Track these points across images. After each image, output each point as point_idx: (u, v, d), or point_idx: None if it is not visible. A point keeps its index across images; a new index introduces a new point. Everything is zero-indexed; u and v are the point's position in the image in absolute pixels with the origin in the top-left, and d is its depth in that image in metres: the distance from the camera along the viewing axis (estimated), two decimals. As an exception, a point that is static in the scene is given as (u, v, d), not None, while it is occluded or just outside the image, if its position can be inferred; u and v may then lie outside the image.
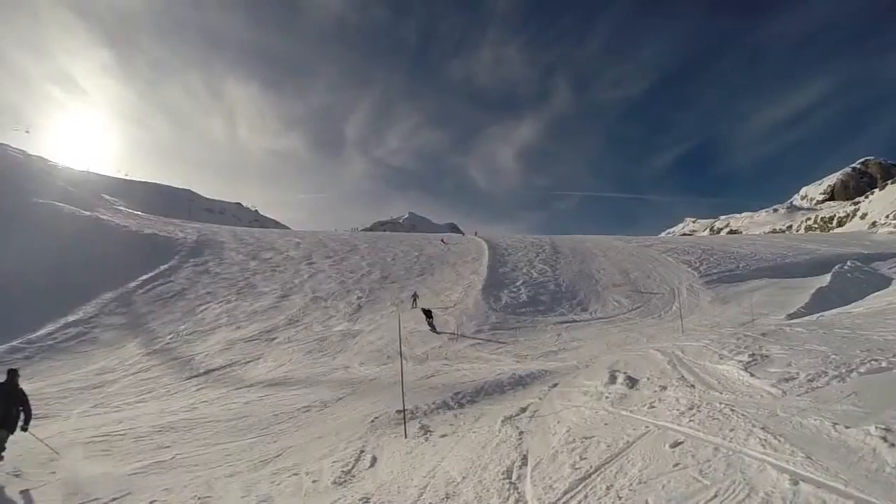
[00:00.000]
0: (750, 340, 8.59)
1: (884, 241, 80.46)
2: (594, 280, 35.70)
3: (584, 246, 49.13)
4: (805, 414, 4.42)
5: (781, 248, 54.90)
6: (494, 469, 5.21)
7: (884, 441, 3.44)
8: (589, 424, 6.01)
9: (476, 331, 23.46)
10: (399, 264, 39.40)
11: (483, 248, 45.16)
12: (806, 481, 3.21)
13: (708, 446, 4.26)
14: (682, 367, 7.84)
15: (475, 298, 29.02)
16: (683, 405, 5.71)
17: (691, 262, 41.53)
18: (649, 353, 9.85)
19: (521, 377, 11.59)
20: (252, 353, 19.67)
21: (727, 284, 34.75)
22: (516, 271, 37.10)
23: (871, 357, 5.98)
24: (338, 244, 46.55)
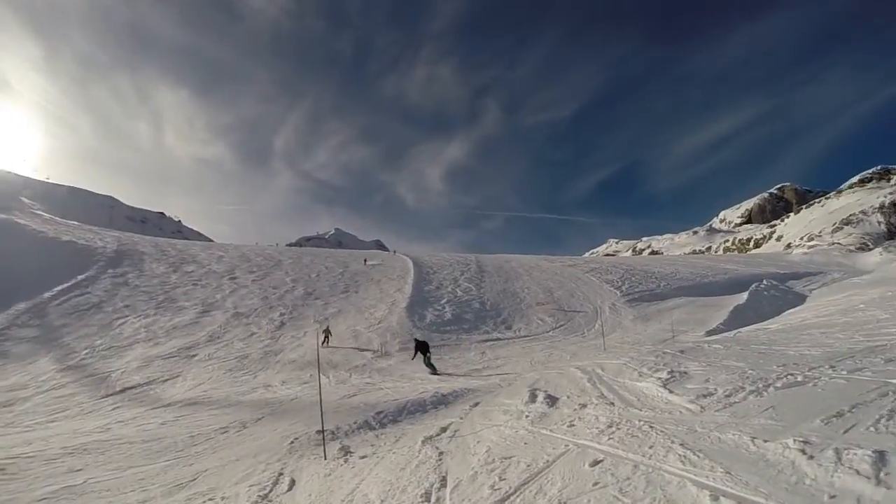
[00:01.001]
0: (669, 357, 8.80)
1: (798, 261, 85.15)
2: (519, 298, 36.19)
3: (510, 265, 49.91)
4: (723, 429, 4.48)
5: (701, 268, 57.17)
6: (413, 492, 5.07)
7: (802, 454, 3.51)
8: (509, 444, 5.94)
9: (400, 349, 23.38)
10: (323, 281, 38.95)
11: (408, 265, 45.27)
12: (726, 496, 3.23)
13: (628, 464, 4.25)
14: (602, 385, 7.90)
15: (399, 316, 28.99)
16: (603, 423, 5.73)
17: (614, 281, 42.76)
18: (570, 371, 9.93)
19: (443, 396, 11.51)
20: (171, 370, 19.14)
21: (648, 303, 35.86)
22: (441, 289, 37.24)
23: (788, 372, 6.19)
24: (262, 259, 45.82)
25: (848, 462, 3.21)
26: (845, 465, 3.19)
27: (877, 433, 3.63)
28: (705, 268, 57.91)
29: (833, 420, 4.07)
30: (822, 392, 5.03)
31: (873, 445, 3.34)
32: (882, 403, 4.18)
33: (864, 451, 3.27)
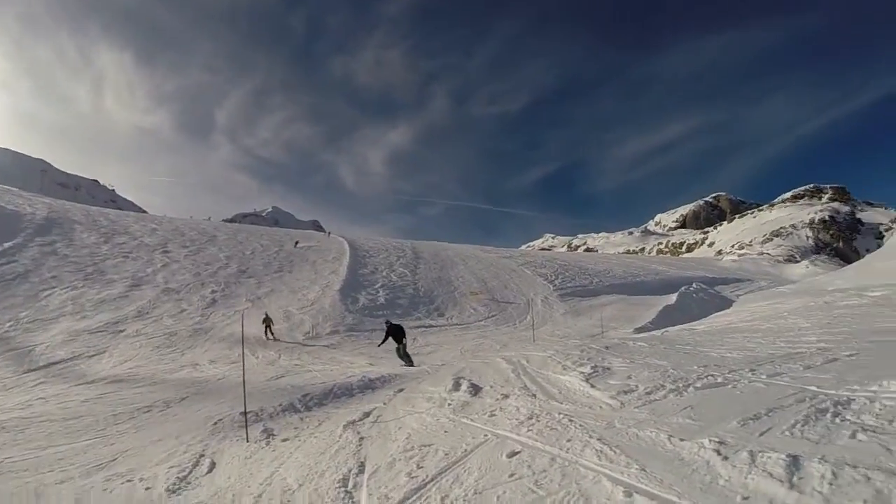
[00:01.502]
0: (594, 352, 8.91)
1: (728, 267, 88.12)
2: (453, 287, 36.38)
3: (446, 253, 50.13)
4: (642, 426, 4.53)
5: (634, 267, 58.59)
6: (331, 476, 4.96)
7: (717, 454, 3.55)
8: (429, 432, 5.90)
9: (331, 332, 23.28)
10: (258, 259, 38.25)
11: (344, 248, 44.86)
12: (640, 493, 3.24)
13: (545, 456, 4.26)
14: (526, 377, 7.95)
15: (333, 299, 28.78)
16: (524, 414, 5.75)
17: (547, 275, 43.39)
18: (495, 361, 9.98)
19: (371, 381, 11.39)
20: (97, 345, 18.50)
21: (580, 298, 36.56)
22: (376, 274, 37.14)
23: (708, 373, 6.33)
24: (196, 233, 44.69)
25: (762, 464, 3.24)
26: (759, 467, 3.23)
27: (792, 437, 3.70)
28: (638, 268, 59.44)
29: (749, 422, 4.14)
30: (740, 394, 5.13)
31: (788, 449, 3.40)
32: (798, 409, 4.28)
33: (779, 454, 3.30)
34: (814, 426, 3.83)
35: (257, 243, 44.13)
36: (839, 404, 4.22)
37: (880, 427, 3.62)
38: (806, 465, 3.13)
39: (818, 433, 3.69)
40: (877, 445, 3.30)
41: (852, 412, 4.01)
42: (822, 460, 3.15)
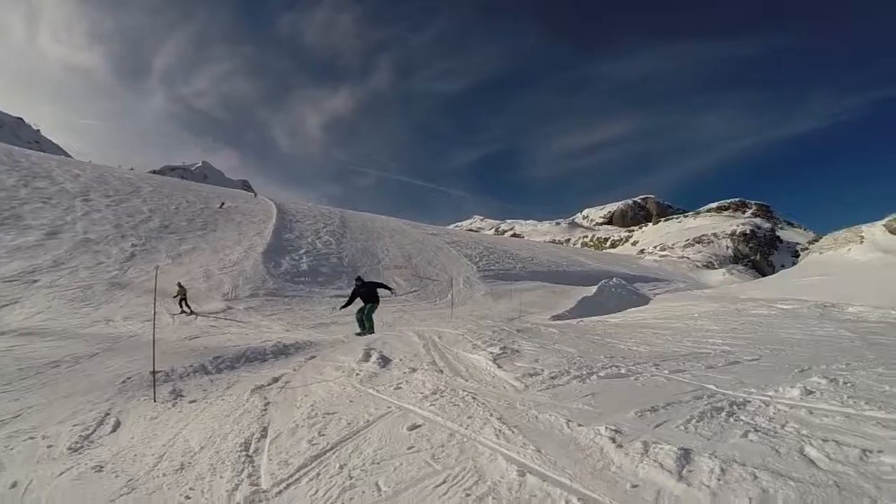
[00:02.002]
0: (505, 334, 9.02)
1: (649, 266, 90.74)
2: (377, 259, 36.24)
3: (374, 225, 49.84)
4: (542, 409, 4.59)
5: (558, 257, 59.63)
6: (233, 440, 4.84)
7: (612, 441, 3.62)
8: (335, 400, 5.85)
9: (251, 295, 22.79)
10: (182, 215, 36.80)
11: (272, 211, 43.89)
12: (533, 473, 3.29)
13: (445, 431, 4.29)
14: (436, 352, 7.99)
15: (255, 261, 28.15)
16: (428, 389, 5.77)
17: (472, 256, 43.67)
18: (408, 335, 10.01)
19: (285, 346, 11.20)
20: (8, 295, 17.55)
21: (502, 281, 36.94)
22: (301, 239, 36.52)
23: (614, 363, 6.48)
24: (120, 183, 42.72)
25: (654, 455, 3.32)
26: (651, 457, 3.30)
27: (685, 432, 3.79)
28: (562, 258, 60.54)
29: (647, 414, 4.24)
30: (641, 387, 5.26)
31: (680, 443, 3.48)
32: (695, 405, 4.40)
33: (671, 446, 3.39)
34: (708, 423, 3.94)
35: (183, 198, 42.59)
36: (735, 405, 4.36)
37: (772, 430, 3.74)
38: (696, 460, 3.21)
39: (712, 430, 3.80)
40: (767, 447, 3.40)
41: (747, 413, 4.14)
42: (713, 456, 3.24)
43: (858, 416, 3.96)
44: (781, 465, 3.13)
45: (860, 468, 3.04)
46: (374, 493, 3.37)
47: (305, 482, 3.72)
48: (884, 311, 14.80)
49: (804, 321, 12.21)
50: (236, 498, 3.60)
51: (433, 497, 3.21)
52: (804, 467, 3.09)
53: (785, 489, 2.82)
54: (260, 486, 3.77)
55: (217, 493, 3.74)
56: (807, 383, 4.93)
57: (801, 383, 4.92)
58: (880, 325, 11.31)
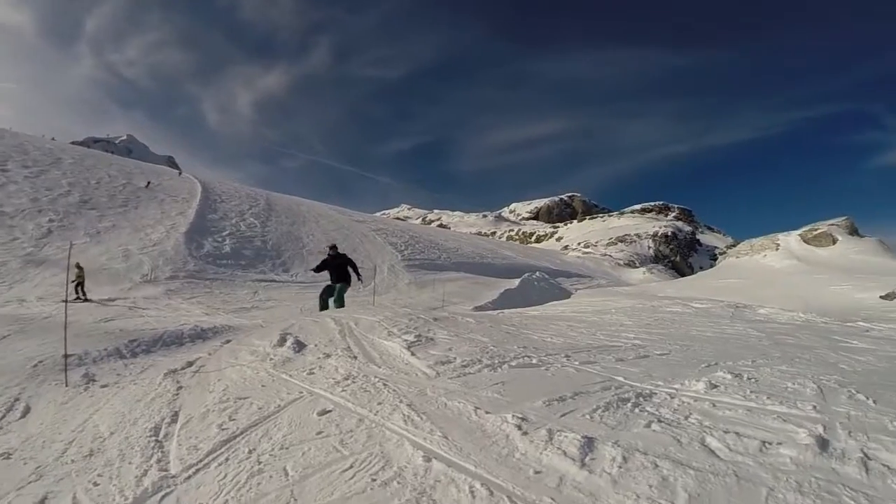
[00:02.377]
0: (421, 322, 9.00)
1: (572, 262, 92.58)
2: (302, 244, 35.76)
3: (300, 209, 49.13)
4: (452, 396, 4.60)
5: (483, 249, 60.18)
6: (144, 425, 4.68)
7: (518, 429, 3.65)
8: (248, 385, 5.74)
9: (171, 276, 22.07)
10: (103, 190, 35.29)
11: (196, 189, 42.63)
12: (438, 459, 3.30)
13: (354, 417, 4.27)
14: (351, 338, 7.91)
15: (176, 241, 27.27)
16: (341, 375, 5.73)
17: (398, 244, 43.62)
18: (325, 320, 9.88)
19: (203, 330, 10.88)
20: None
21: (427, 271, 37.04)
22: (225, 220, 35.65)
23: (526, 353, 6.55)
24: (40, 153, 40.63)
25: (558, 443, 3.36)
26: (555, 445, 3.34)
27: (591, 421, 3.85)
28: (487, 250, 61.18)
29: (554, 403, 4.29)
30: (551, 377, 5.33)
31: (585, 431, 3.54)
32: (603, 396, 4.48)
33: (576, 435, 3.44)
34: (614, 413, 4.01)
35: (105, 172, 40.87)
36: (641, 396, 4.46)
37: (675, 421, 3.84)
38: (599, 448, 3.27)
39: (616, 420, 3.87)
40: (669, 437, 3.49)
41: (652, 405, 4.24)
42: (616, 444, 3.31)
43: (760, 410, 4.11)
44: (682, 454, 3.22)
45: (759, 459, 3.16)
46: (282, 478, 3.33)
47: (214, 467, 3.64)
48: (793, 314, 15.49)
49: (716, 320, 12.65)
50: (144, 483, 3.49)
51: (339, 482, 3.19)
52: (704, 457, 3.18)
53: (684, 477, 2.90)
54: (169, 471, 3.67)
55: (125, 478, 3.62)
56: (712, 378, 5.10)
57: (707, 377, 5.08)
58: (788, 327, 11.80)
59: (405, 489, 3.00)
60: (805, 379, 5.25)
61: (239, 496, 3.15)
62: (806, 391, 4.75)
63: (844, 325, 13.09)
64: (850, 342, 9.34)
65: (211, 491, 3.27)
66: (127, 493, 3.38)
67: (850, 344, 9.10)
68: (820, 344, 8.93)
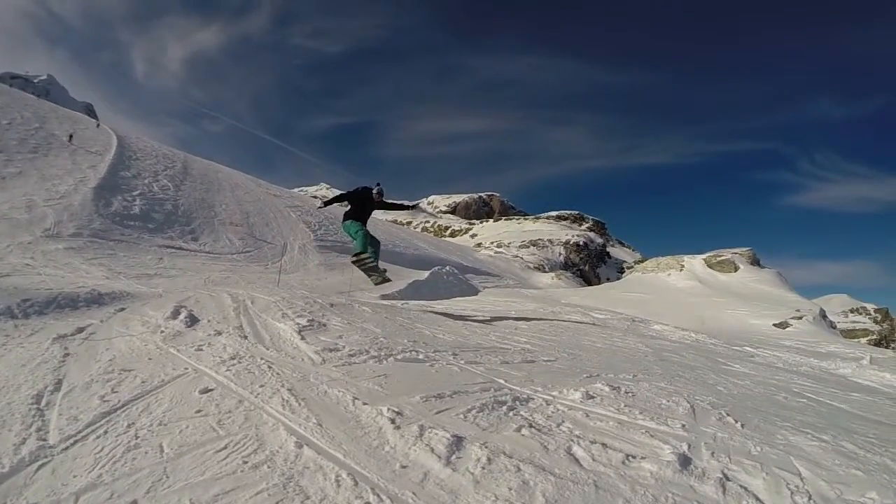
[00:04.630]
0: (317, 307, 8.96)
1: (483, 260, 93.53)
2: (214, 213, 34.60)
3: (216, 176, 47.47)
4: (333, 384, 4.61)
5: (397, 238, 59.97)
6: (26, 392, 4.46)
7: (391, 422, 3.71)
8: (135, 356, 5.56)
9: (74, 233, 20.71)
10: (14, 132, 32.82)
11: (112, 142, 40.60)
12: (310, 446, 3.33)
13: (234, 398, 4.22)
14: (245, 317, 7.82)
15: (84, 196, 25.60)
16: (228, 354, 5.64)
17: (312, 224, 42.90)
18: (222, 296, 9.70)
19: (100, 295, 10.38)
20: None
21: (339, 253, 36.60)
22: (138, 179, 33.94)
23: (415, 348, 6.62)
24: None
25: (428, 439, 3.43)
26: (425, 441, 3.41)
27: (464, 420, 3.94)
28: (401, 239, 60.96)
29: (432, 399, 4.37)
30: (434, 373, 5.41)
31: (455, 430, 3.62)
32: (481, 396, 4.58)
33: (446, 433, 3.52)
34: (488, 415, 4.11)
35: (18, 113, 37.99)
36: (518, 400, 4.57)
37: (547, 427, 3.95)
38: (467, 448, 3.36)
39: (489, 421, 3.97)
40: (537, 443, 3.60)
41: (527, 409, 4.35)
42: (483, 446, 3.39)
43: (631, 424, 4.27)
44: (547, 460, 3.33)
45: (621, 471, 3.28)
46: (157, 455, 3.28)
47: (92, 439, 3.53)
48: (685, 333, 16.11)
49: (610, 332, 13.00)
50: (22, 453, 3.36)
51: (212, 462, 3.17)
52: (568, 465, 3.30)
53: (544, 483, 3.00)
54: (47, 441, 3.53)
55: (4, 446, 3.47)
56: (590, 388, 5.24)
57: (585, 388, 5.22)
58: (677, 345, 12.26)
59: (274, 473, 3.01)
60: (680, 397, 5.45)
61: (114, 470, 3.09)
62: (679, 409, 4.93)
63: (731, 349, 13.68)
64: (733, 366, 9.77)
65: (87, 463, 3.19)
66: (4, 461, 3.26)
67: (732, 367, 9.53)
68: (703, 365, 9.29)
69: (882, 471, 3.75)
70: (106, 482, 2.97)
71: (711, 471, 3.42)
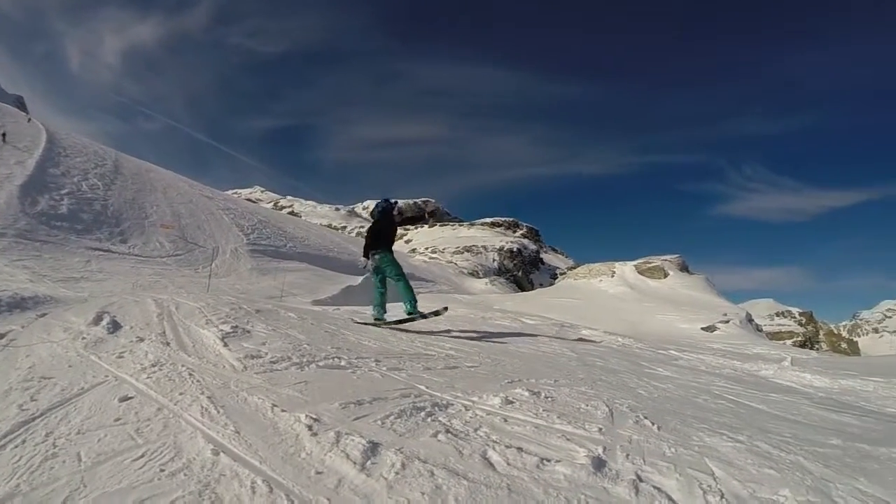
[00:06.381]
0: (242, 313, 8.88)
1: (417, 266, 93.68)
2: (145, 214, 33.86)
3: (149, 176, 46.40)
4: (253, 391, 4.61)
5: (331, 242, 59.71)
6: None
7: (309, 429, 3.72)
8: (55, 363, 5.43)
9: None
10: None
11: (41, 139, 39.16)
12: (226, 453, 3.32)
13: (153, 405, 4.17)
14: (168, 323, 7.70)
15: (10, 194, 24.97)
16: (150, 361, 5.55)
17: (245, 227, 42.45)
18: (146, 301, 9.52)
19: (23, 299, 9.99)
20: None
21: (271, 258, 36.35)
22: (67, 177, 33.01)
23: (338, 354, 6.64)
24: None
25: (344, 446, 3.45)
26: (341, 447, 3.43)
27: (381, 426, 3.97)
28: (335, 244, 60.69)
29: (351, 406, 4.39)
30: (356, 380, 5.43)
31: (372, 436, 3.66)
32: (400, 403, 4.62)
33: (362, 439, 3.55)
34: (406, 421, 4.15)
35: None
36: (437, 406, 4.63)
37: (464, 433, 4.01)
38: (382, 453, 3.39)
39: (406, 427, 4.01)
40: (452, 448, 3.65)
41: (446, 415, 4.41)
42: (399, 451, 3.43)
43: (548, 428, 4.34)
44: (461, 465, 3.37)
45: (534, 474, 3.34)
46: (75, 464, 3.22)
47: (10, 449, 3.44)
48: (612, 337, 16.43)
49: (537, 337, 13.09)
50: None
51: (129, 470, 3.13)
52: (481, 469, 3.35)
53: (457, 487, 3.05)
54: None
55: None
56: (510, 393, 5.33)
57: (505, 393, 5.32)
58: (603, 350, 12.45)
59: (190, 481, 3.00)
60: (600, 401, 5.54)
61: (31, 479, 3.03)
62: (597, 413, 5.02)
63: (657, 352, 13.95)
64: (656, 369, 9.95)
65: (4, 473, 3.12)
66: (-80, 472, 3.18)
67: (655, 371, 9.70)
68: (627, 369, 9.44)
69: (795, 469, 3.88)
70: (24, 492, 2.92)
71: (625, 472, 3.49)
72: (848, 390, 10.47)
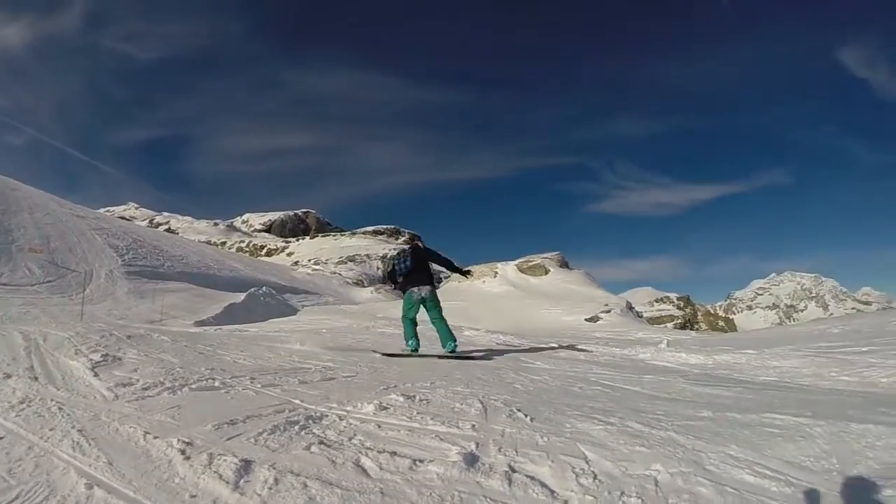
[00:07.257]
0: (112, 340, 8.60)
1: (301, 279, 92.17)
2: (11, 238, 31.42)
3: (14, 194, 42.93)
4: (125, 420, 4.51)
5: (210, 259, 57.68)
6: None
7: (182, 454, 3.70)
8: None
9: None
10: None
11: None
12: (101, 486, 3.25)
13: (24, 444, 3.99)
14: (37, 356, 7.32)
15: None
16: (18, 398, 5.27)
17: (119, 248, 40.33)
18: (13, 334, 8.99)
19: None
20: None
21: (148, 280, 34.77)
22: None
23: (212, 375, 6.56)
24: None
25: (216, 466, 3.47)
26: (214, 469, 3.44)
27: (254, 444, 4.00)
28: (215, 260, 58.65)
29: (224, 426, 4.39)
30: (230, 400, 5.41)
31: (245, 454, 3.68)
32: (274, 419, 4.64)
33: (235, 458, 3.57)
34: (279, 436, 4.18)
35: None
36: (311, 419, 4.68)
37: (338, 442, 4.09)
38: (255, 470, 3.42)
39: (280, 442, 4.05)
40: (325, 458, 3.72)
41: (320, 427, 4.47)
42: (272, 467, 3.47)
43: (421, 430, 4.46)
44: (334, 474, 3.45)
45: (407, 476, 3.45)
46: None
47: None
48: (494, 335, 16.73)
49: (419, 341, 13.30)
50: None
51: (5, 512, 3.02)
52: (355, 476, 3.43)
53: (331, 497, 3.12)
54: None
55: None
56: (385, 399, 5.43)
57: (380, 399, 5.40)
58: (483, 349, 12.72)
59: (65, 518, 2.95)
60: (474, 399, 5.67)
61: None
62: (471, 411, 5.15)
63: (537, 347, 14.19)
64: (534, 363, 10.04)
65: None
66: None
67: (533, 364, 9.81)
68: (505, 365, 9.55)
69: (666, 444, 4.09)
70: None
71: (498, 465, 3.63)
72: (722, 364, 11.05)
